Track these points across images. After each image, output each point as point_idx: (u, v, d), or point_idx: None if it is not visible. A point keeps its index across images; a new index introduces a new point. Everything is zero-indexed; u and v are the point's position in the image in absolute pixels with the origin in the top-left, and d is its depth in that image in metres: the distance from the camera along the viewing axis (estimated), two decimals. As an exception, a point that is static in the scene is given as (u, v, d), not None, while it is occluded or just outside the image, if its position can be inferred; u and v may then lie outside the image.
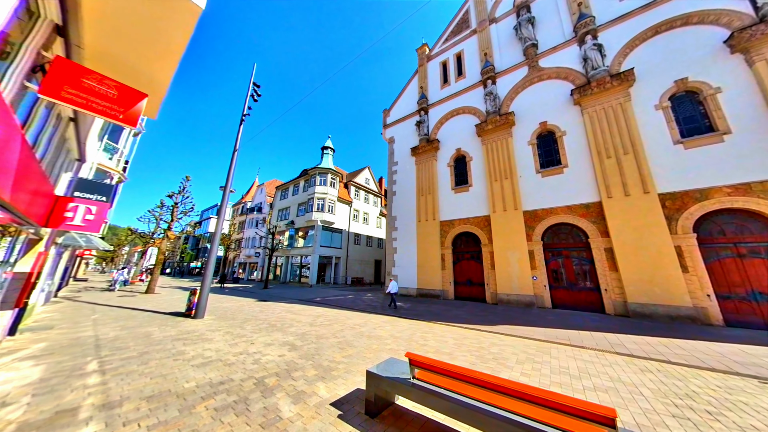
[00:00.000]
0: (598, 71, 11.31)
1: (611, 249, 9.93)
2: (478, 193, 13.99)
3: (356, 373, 4.21)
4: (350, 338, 6.30)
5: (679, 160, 9.33)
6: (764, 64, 8.38)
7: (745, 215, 8.27)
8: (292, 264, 27.32)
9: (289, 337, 6.29)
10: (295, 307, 11.27)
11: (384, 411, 3.06)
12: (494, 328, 7.43)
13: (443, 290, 13.96)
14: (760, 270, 7.84)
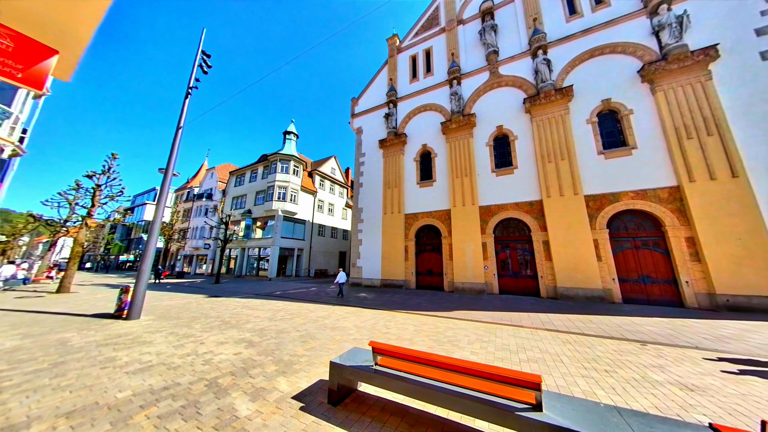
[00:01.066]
0: (546, 84, 12.68)
1: (548, 241, 11.51)
2: (441, 188, 14.74)
3: (319, 365, 4.19)
4: (313, 331, 6.21)
5: (600, 168, 11.15)
6: (662, 95, 10.41)
7: (641, 215, 10.36)
8: (249, 256, 25.39)
9: (245, 334, 5.92)
10: (252, 302, 10.58)
11: (347, 398, 3.14)
12: (450, 314, 8.08)
13: (406, 280, 14.56)
14: (648, 259, 9.98)
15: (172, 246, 35.06)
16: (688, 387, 3.47)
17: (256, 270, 24.38)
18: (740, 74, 9.43)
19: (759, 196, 8.49)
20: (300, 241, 25.43)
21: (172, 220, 34.97)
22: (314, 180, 28.06)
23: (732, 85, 9.46)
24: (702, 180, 9.24)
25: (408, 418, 2.77)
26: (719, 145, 9.21)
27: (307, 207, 26.37)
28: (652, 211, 10.01)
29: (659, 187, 10.02)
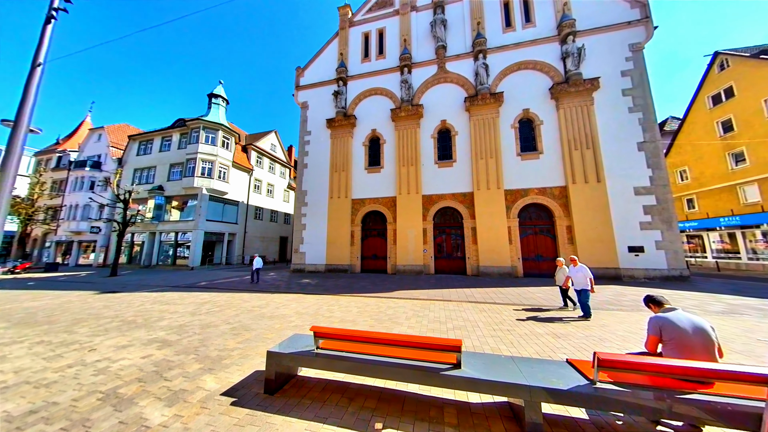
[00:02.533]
0: (483, 87, 14.08)
1: (475, 228, 13.32)
2: (389, 175, 15.08)
3: (254, 357, 3.92)
4: (247, 322, 5.70)
5: (517, 167, 13.32)
6: (562, 112, 12.95)
7: (541, 207, 13.01)
8: (162, 242, 21.04)
9: (158, 333, 4.99)
10: (167, 295, 8.93)
11: (285, 385, 3.05)
12: (391, 294, 8.64)
13: (351, 265, 14.71)
14: (542, 242, 12.73)
15: (33, 229, 25.92)
16: (557, 335, 4.69)
17: (172, 258, 20.49)
18: (609, 104, 12.49)
19: (610, 197, 11.73)
20: (231, 224, 22.40)
21: (32, 193, 25.53)
22: (250, 156, 24.66)
23: (604, 111, 12.48)
24: (579, 182, 12.13)
25: (348, 392, 2.89)
26: (592, 156, 12.18)
27: (240, 186, 23.17)
28: (548, 204, 12.67)
29: (554, 186, 12.70)
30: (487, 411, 2.53)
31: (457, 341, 2.44)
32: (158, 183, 21.84)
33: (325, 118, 16.68)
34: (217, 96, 21.92)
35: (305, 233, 15.69)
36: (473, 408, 2.58)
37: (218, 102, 21.94)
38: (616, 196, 11.67)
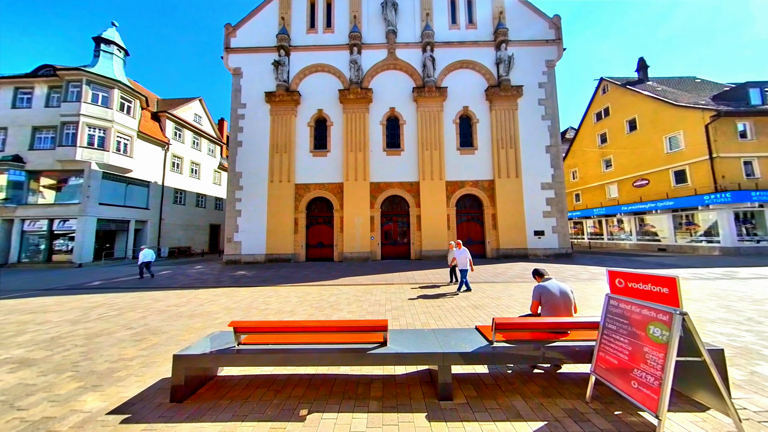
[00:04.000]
0: (430, 80, 14.60)
1: (420, 216, 14.18)
2: (336, 159, 14.50)
3: (162, 363, 3.34)
4: (157, 324, 4.82)
5: (456, 161, 14.55)
6: (494, 113, 14.56)
7: (474, 198, 14.67)
8: (27, 232, 15.70)
9: (12, 352, 3.76)
10: (33, 302, 6.79)
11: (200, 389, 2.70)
12: (336, 282, 8.57)
13: (295, 254, 13.92)
14: (473, 228, 14.45)
15: None
16: (476, 307, 5.47)
17: (45, 253, 15.60)
18: (529, 110, 14.62)
19: (524, 190, 14.01)
20: (140, 210, 18.22)
21: None
22: (164, 126, 20.09)
23: (524, 116, 14.57)
24: (504, 177, 14.08)
25: (276, 385, 2.75)
26: (514, 155, 14.21)
27: (152, 163, 18.85)
28: (479, 195, 14.37)
29: (485, 179, 14.42)
30: (410, 380, 2.77)
31: (383, 321, 2.55)
32: (13, 151, 15.88)
33: (264, 90, 14.71)
34: (109, 42, 16.79)
35: (240, 220, 13.96)
36: (398, 379, 2.79)
37: (110, 51, 16.85)
38: (528, 190, 14.03)
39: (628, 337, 2.06)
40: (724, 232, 13.80)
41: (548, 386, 2.59)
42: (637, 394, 1.89)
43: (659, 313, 1.88)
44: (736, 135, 14.44)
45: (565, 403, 2.33)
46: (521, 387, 2.58)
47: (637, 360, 1.96)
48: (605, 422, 2.08)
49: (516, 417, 2.17)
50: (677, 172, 15.96)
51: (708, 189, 14.23)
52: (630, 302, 2.12)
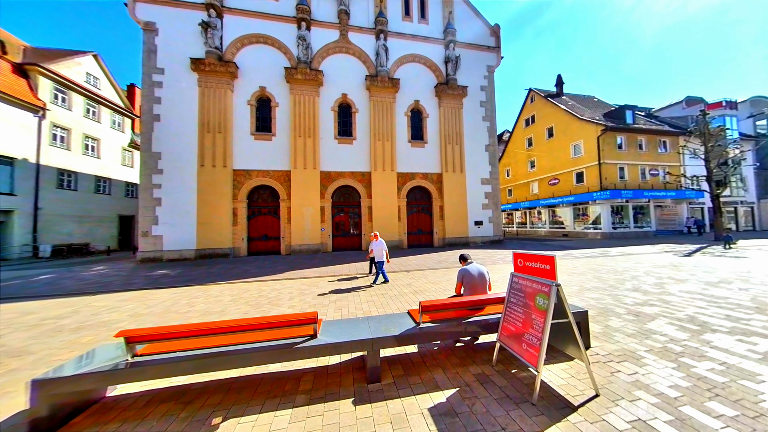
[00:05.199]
0: (383, 69, 14.47)
1: (371, 207, 14.25)
2: (282, 145, 13.32)
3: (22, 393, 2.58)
4: (21, 344, 3.71)
5: (407, 153, 14.98)
6: (442, 110, 15.38)
7: (423, 190, 15.41)
8: None
9: None
10: None
11: (78, 416, 2.18)
12: (280, 276, 8.02)
13: (234, 248, 12.50)
14: (423, 219, 15.28)
15: None
16: (417, 292, 5.83)
17: None
18: (472, 110, 15.91)
19: (467, 184, 15.40)
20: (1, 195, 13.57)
21: None
22: (36, 85, 15.08)
23: (468, 116, 15.82)
24: (450, 171, 15.18)
25: (188, 395, 2.42)
26: (459, 151, 15.39)
27: (17, 134, 14.09)
28: (428, 188, 15.20)
29: (434, 173, 15.29)
30: (343, 368, 2.78)
31: (312, 314, 2.47)
32: None
33: (190, 56, 12.34)
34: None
35: (161, 211, 11.72)
36: (331, 369, 2.77)
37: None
38: (470, 184, 15.48)
39: (523, 307, 2.44)
40: (604, 221, 17.83)
41: (465, 357, 2.92)
42: (525, 354, 2.27)
43: (543, 286, 2.27)
44: (615, 146, 18.55)
45: (476, 369, 2.67)
46: (444, 361, 2.85)
47: (527, 326, 2.34)
48: (503, 380, 2.46)
49: (434, 388, 2.39)
50: (578, 173, 19.75)
51: (596, 188, 18.05)
52: (525, 278, 2.50)
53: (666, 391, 2.26)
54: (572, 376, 2.51)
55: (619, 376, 2.50)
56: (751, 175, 22.88)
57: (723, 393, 2.23)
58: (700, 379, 2.42)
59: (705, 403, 2.10)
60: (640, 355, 2.86)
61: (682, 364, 2.69)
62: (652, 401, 2.14)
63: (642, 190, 18.33)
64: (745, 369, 2.56)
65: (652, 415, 1.98)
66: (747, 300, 4.60)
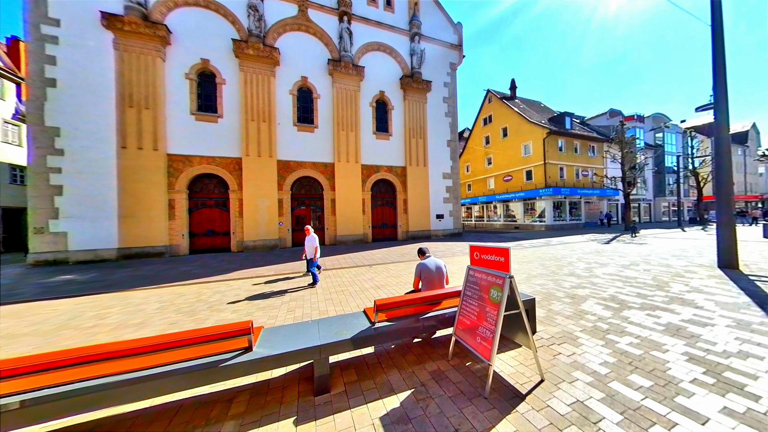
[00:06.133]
0: (347, 54, 13.70)
1: (335, 199, 13.63)
2: (231, 128, 11.77)
3: None
4: None
5: (372, 145, 14.62)
6: (407, 103, 15.29)
7: (387, 183, 15.30)
8: None
9: None
10: None
11: None
12: (227, 276, 7.09)
13: (171, 245, 10.76)
14: (388, 212, 15.22)
15: None
16: (379, 287, 5.65)
17: None
18: (435, 105, 16.18)
19: (430, 178, 15.75)
20: None
21: None
22: None
23: (431, 111, 16.06)
24: (414, 165, 15.29)
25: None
26: (423, 145, 15.56)
27: None
28: (393, 181, 15.12)
29: (398, 166, 15.24)
30: (288, 380, 2.42)
31: (245, 323, 2.04)
32: None
33: (100, 9, 9.91)
34: None
35: (62, 201, 9.37)
36: (273, 383, 2.38)
37: None
38: (433, 178, 15.87)
39: (478, 300, 2.38)
40: (548, 214, 20.10)
41: (422, 353, 2.80)
42: (479, 348, 2.21)
43: (497, 278, 2.22)
44: (557, 148, 20.90)
45: (432, 365, 2.56)
46: (400, 359, 2.68)
47: (482, 319, 2.28)
48: (458, 375, 2.39)
49: (388, 392, 2.19)
50: (527, 171, 21.81)
51: (542, 185, 20.16)
52: (481, 271, 2.44)
53: (598, 368, 2.42)
54: (521, 363, 2.56)
55: (560, 358, 2.63)
56: (650, 178, 28.10)
57: (640, 365, 2.47)
58: (623, 354, 2.67)
59: (628, 377, 2.29)
60: (577, 336, 3.09)
61: (609, 341, 2.96)
62: (587, 380, 2.26)
63: (576, 188, 21.10)
64: (654, 341, 2.92)
65: (588, 395, 2.08)
66: (650, 279, 5.46)
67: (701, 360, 2.53)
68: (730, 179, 6.27)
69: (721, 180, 6.30)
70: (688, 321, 3.41)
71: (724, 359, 2.53)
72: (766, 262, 6.83)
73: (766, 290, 4.59)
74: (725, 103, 6.31)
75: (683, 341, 2.89)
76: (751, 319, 3.43)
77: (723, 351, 2.68)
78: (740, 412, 1.87)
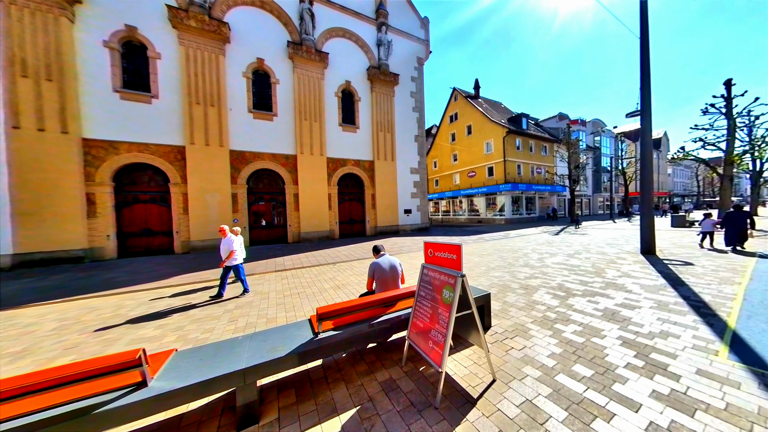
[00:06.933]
0: (309, 38, 12.74)
1: (298, 194, 12.77)
2: (169, 111, 10.16)
3: None
4: None
5: (339, 137, 13.98)
6: (375, 95, 14.89)
7: (355, 177, 14.84)
8: None
9: None
10: None
11: None
12: (162, 283, 6.09)
13: (93, 248, 9.01)
14: (355, 207, 14.77)
15: None
16: (339, 287, 5.31)
17: None
18: (403, 99, 16.05)
19: (398, 173, 15.66)
20: None
21: None
22: None
23: (399, 104, 15.89)
24: (382, 159, 15.04)
25: None
26: (391, 139, 15.36)
27: None
28: (361, 175, 14.70)
29: (366, 160, 14.84)
30: (209, 411, 1.98)
31: (133, 353, 1.58)
32: None
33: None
34: None
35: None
36: (188, 417, 1.93)
37: None
38: (401, 173, 15.82)
39: (431, 301, 2.20)
40: (507, 209, 21.57)
41: (375, 360, 2.57)
42: (431, 353, 2.03)
43: (449, 278, 2.05)
44: (515, 147, 22.41)
45: (384, 374, 2.33)
46: (350, 371, 2.41)
47: (434, 321, 2.10)
48: (410, 383, 2.20)
49: (330, 413, 1.91)
50: (489, 168, 23.06)
51: (502, 181, 21.50)
52: (434, 269, 2.26)
53: (545, 361, 2.44)
54: (474, 362, 2.47)
55: (512, 353, 2.60)
56: (590, 176, 31.90)
57: (582, 353, 2.55)
58: (568, 343, 2.75)
59: (572, 367, 2.33)
60: (528, 327, 3.14)
61: (556, 330, 3.05)
62: (536, 375, 2.24)
63: (531, 184, 22.95)
64: (594, 327, 3.09)
65: (536, 392, 2.04)
66: (590, 266, 6.01)
67: (632, 343, 2.70)
68: (651, 177, 7.17)
69: (646, 178, 7.18)
70: (621, 305, 3.71)
71: (650, 341, 2.74)
72: (674, 247, 8.04)
73: (676, 272, 5.32)
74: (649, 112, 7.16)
75: (617, 325, 3.10)
76: (667, 300, 3.87)
77: (649, 332, 2.91)
78: (665, 394, 1.97)
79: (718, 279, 4.73)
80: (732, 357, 2.40)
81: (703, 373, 2.18)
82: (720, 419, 1.72)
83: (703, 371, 2.21)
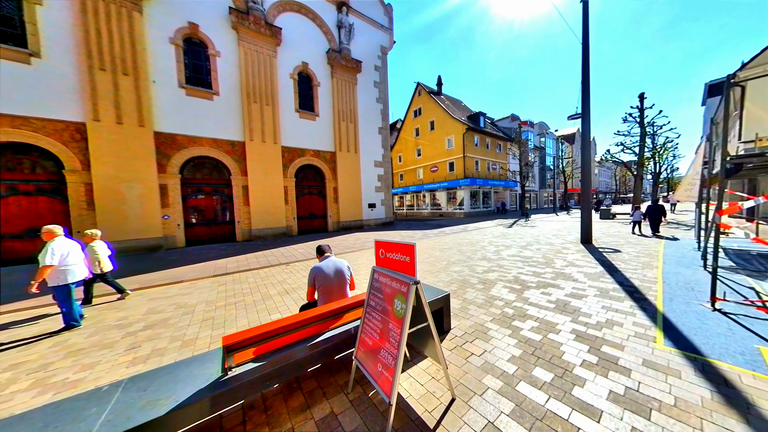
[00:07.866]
0: (257, 7, 11.15)
1: (247, 186, 11.31)
2: (67, 78, 7.83)
3: None
4: None
5: (295, 124, 12.75)
6: (335, 81, 13.91)
7: (315, 169, 13.81)
8: None
9: None
10: None
11: None
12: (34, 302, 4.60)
13: (-60, 258, 6.57)
14: (315, 201, 13.79)
15: None
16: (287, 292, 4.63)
17: None
18: (366, 89, 15.37)
19: (361, 166, 15.05)
20: None
21: None
22: None
23: (362, 94, 15.18)
24: (344, 151, 14.24)
25: None
26: (353, 130, 14.60)
27: None
28: (321, 167, 13.72)
29: (327, 151, 13.89)
30: None
31: None
32: None
33: None
34: None
35: None
36: None
37: None
38: (364, 166, 15.25)
39: (382, 314, 1.78)
40: (466, 202, 22.65)
41: (316, 387, 2.07)
42: (379, 379, 1.62)
43: (402, 285, 1.65)
44: (474, 144, 23.52)
45: (324, 407, 1.85)
46: (280, 407, 1.87)
47: (384, 339, 1.69)
48: (355, 417, 1.76)
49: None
50: (450, 163, 23.86)
51: (462, 176, 22.43)
52: (386, 274, 1.84)
53: (506, 367, 2.23)
54: (432, 377, 2.14)
55: (472, 360, 2.36)
56: (537, 173, 35.50)
57: (541, 353, 2.42)
58: (527, 342, 2.61)
59: (532, 372, 2.16)
60: (487, 327, 2.96)
61: (514, 328, 2.93)
62: (497, 387, 2.00)
63: (488, 180, 24.45)
64: (549, 321, 3.05)
65: (498, 410, 1.78)
66: (540, 257, 6.35)
67: (584, 336, 2.68)
68: (590, 175, 7.91)
69: (585, 174, 7.88)
70: (570, 295, 3.83)
71: (598, 332, 2.76)
72: (605, 236, 9.12)
73: (609, 259, 5.88)
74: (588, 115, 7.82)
75: (569, 317, 3.11)
76: (607, 287, 4.13)
77: (597, 323, 2.96)
78: (621, 394, 1.88)
79: (641, 264, 5.32)
80: (667, 343, 2.50)
81: (649, 364, 2.18)
82: (673, 419, 1.65)
83: (649, 362, 2.22)
